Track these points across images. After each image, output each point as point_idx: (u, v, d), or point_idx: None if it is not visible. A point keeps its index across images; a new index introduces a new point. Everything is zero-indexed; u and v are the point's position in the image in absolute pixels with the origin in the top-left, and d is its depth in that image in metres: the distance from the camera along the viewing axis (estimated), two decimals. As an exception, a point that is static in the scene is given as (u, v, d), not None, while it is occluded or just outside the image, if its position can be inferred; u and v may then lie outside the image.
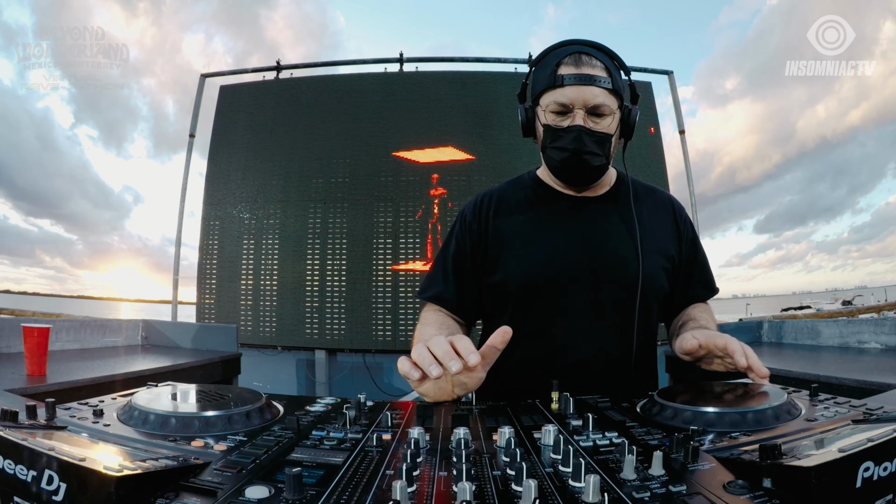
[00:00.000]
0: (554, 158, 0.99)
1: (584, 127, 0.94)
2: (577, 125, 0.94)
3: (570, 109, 0.95)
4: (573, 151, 0.95)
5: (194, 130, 3.75)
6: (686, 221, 1.13)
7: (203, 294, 3.50)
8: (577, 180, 1.04)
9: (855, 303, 21.55)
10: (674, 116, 3.75)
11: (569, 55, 0.96)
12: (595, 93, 0.94)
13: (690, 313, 1.07)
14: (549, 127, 0.97)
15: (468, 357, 0.69)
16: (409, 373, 0.73)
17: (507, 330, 0.76)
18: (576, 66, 0.94)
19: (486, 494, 0.42)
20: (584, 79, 0.93)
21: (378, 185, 3.40)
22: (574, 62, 0.95)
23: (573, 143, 0.95)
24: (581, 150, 0.95)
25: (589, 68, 0.94)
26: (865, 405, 0.63)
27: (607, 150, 0.98)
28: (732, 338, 0.83)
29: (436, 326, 1.01)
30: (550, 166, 1.03)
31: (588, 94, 0.93)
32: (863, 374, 1.32)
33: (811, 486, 0.38)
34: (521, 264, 1.01)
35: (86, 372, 1.49)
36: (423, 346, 0.73)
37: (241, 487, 0.41)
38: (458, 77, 3.55)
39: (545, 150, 1.01)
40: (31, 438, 0.42)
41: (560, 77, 0.94)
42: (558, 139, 0.96)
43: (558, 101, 0.95)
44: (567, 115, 0.96)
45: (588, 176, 1.02)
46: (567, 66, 0.95)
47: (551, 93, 0.96)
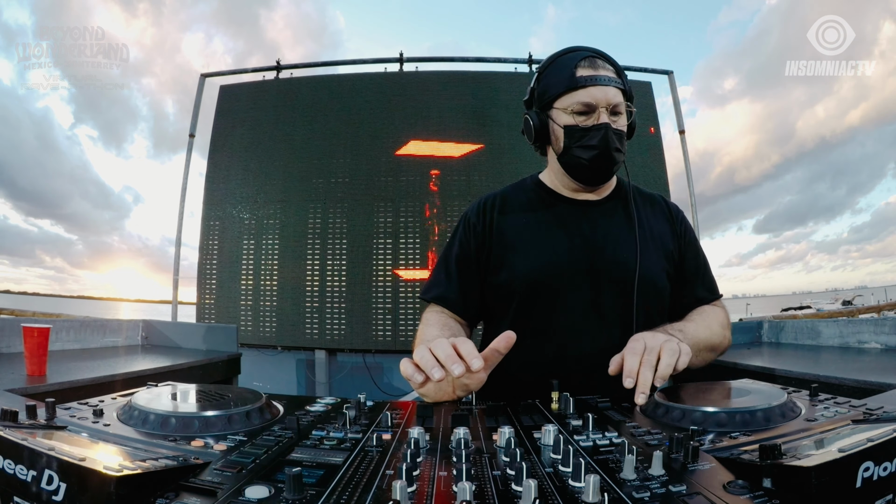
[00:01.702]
0: (581, 157, 1.00)
1: (610, 125, 0.98)
2: (605, 123, 0.98)
3: (593, 109, 0.98)
4: (602, 149, 0.98)
5: (194, 130, 3.75)
6: (684, 223, 1.14)
7: (203, 294, 3.50)
8: (599, 178, 1.05)
9: (855, 303, 21.55)
10: (674, 116, 3.75)
11: (583, 59, 0.99)
12: (615, 92, 0.99)
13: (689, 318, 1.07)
14: (574, 127, 1.00)
15: (471, 361, 0.69)
16: (412, 376, 0.74)
17: (511, 335, 0.76)
18: (593, 68, 0.98)
19: (486, 494, 0.42)
20: (604, 80, 0.98)
21: (378, 185, 3.40)
22: (591, 65, 0.99)
23: (602, 140, 0.98)
24: (609, 147, 0.98)
25: (605, 70, 0.99)
26: (865, 405, 0.63)
27: (625, 147, 1.02)
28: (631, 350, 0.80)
29: (438, 327, 1.02)
30: (574, 166, 1.03)
31: (610, 93, 0.98)
32: (863, 374, 1.32)
33: (811, 486, 0.38)
34: (524, 264, 1.02)
35: (86, 372, 1.49)
36: (426, 349, 0.73)
37: (241, 487, 0.41)
38: (459, 77, 3.55)
39: (568, 151, 1.02)
40: (31, 438, 0.42)
41: (582, 79, 0.98)
42: (585, 138, 0.99)
43: (582, 102, 0.98)
44: (590, 116, 0.99)
45: (610, 173, 1.05)
46: (585, 68, 0.99)
47: (572, 94, 0.99)
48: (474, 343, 0.75)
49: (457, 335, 0.97)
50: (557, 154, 1.05)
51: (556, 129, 1.03)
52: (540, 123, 1.05)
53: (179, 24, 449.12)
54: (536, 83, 1.07)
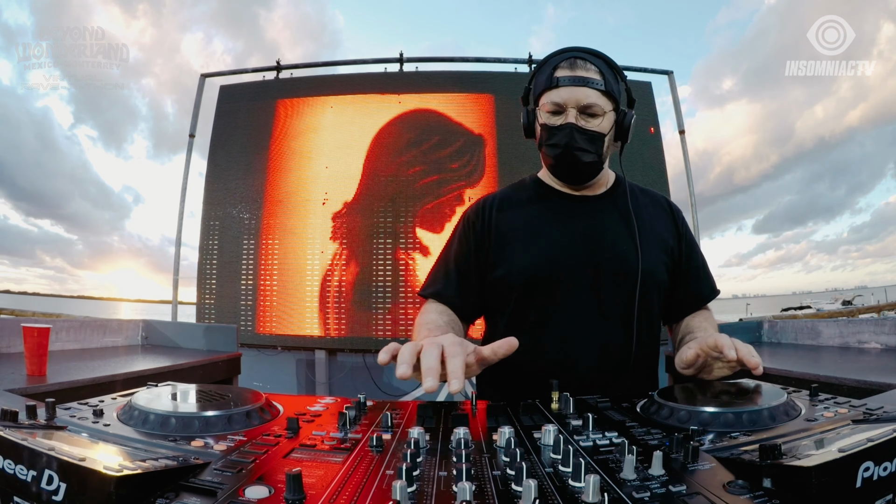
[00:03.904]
0: (549, 155, 1.04)
1: (576, 124, 1.00)
2: (569, 123, 1.00)
3: (563, 109, 1.01)
4: (565, 147, 1.01)
5: (194, 130, 3.75)
6: (682, 219, 1.16)
7: (203, 294, 3.50)
8: (571, 177, 1.08)
9: (855, 303, 21.56)
10: (673, 116, 3.75)
11: (565, 60, 1.02)
12: (587, 93, 0.99)
13: (690, 325, 1.08)
14: (545, 125, 1.03)
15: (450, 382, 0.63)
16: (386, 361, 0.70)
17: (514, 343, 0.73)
18: (570, 69, 1.01)
19: (486, 494, 0.42)
20: (576, 80, 0.99)
21: (379, 185, 3.40)
22: (569, 66, 1.01)
23: (565, 139, 1.00)
24: (572, 146, 1.00)
25: (583, 71, 1.00)
26: (865, 405, 0.63)
27: (599, 147, 1.03)
28: (722, 334, 0.83)
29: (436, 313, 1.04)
30: (547, 164, 1.09)
31: (580, 94, 0.99)
32: (863, 374, 1.32)
33: (811, 486, 0.38)
34: (523, 259, 1.03)
35: (86, 372, 1.49)
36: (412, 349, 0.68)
37: (241, 487, 0.41)
38: (458, 77, 3.56)
39: (542, 148, 1.06)
40: (31, 438, 0.42)
41: (556, 79, 1.01)
42: (552, 136, 1.02)
43: (553, 101, 1.01)
44: (560, 115, 1.01)
45: (581, 172, 1.06)
46: (563, 69, 1.01)
47: (548, 94, 1.02)
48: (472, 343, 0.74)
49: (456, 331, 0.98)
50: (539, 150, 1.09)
51: (537, 127, 1.06)
52: (528, 121, 1.09)
53: (179, 25, 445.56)
54: (529, 81, 1.11)
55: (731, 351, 0.78)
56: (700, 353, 0.86)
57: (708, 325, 1.08)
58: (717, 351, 0.83)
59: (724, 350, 0.78)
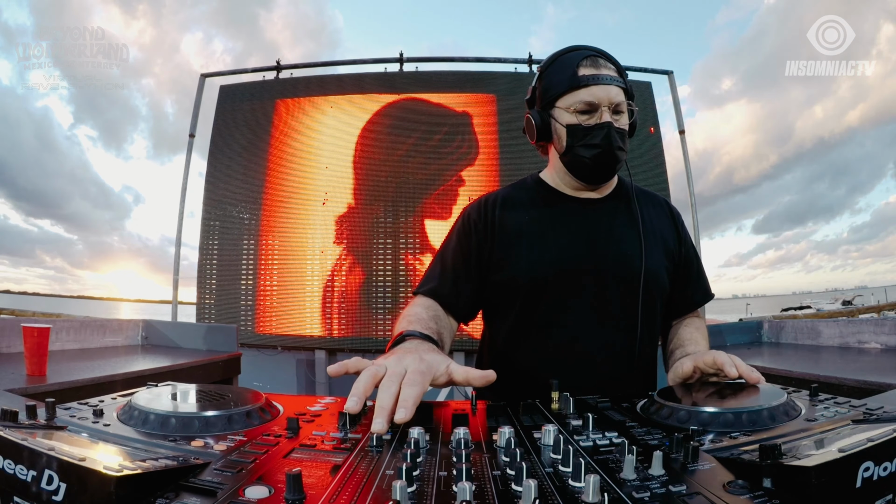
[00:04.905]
0: (584, 156, 1.01)
1: (613, 123, 0.98)
2: (607, 121, 0.98)
3: (596, 108, 0.99)
4: (605, 147, 0.99)
5: (194, 130, 3.75)
6: (682, 223, 1.16)
7: (203, 294, 3.50)
8: (602, 177, 1.06)
9: (855, 303, 21.56)
10: (673, 116, 3.76)
11: (585, 58, 1.00)
12: (617, 91, 0.99)
13: (681, 337, 1.08)
14: (577, 126, 1.00)
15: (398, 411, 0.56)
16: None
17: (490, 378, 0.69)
18: (595, 67, 0.99)
19: (486, 494, 0.42)
20: (607, 79, 0.98)
21: (378, 184, 3.40)
22: (593, 64, 0.99)
23: (605, 139, 0.98)
24: (612, 146, 0.99)
25: (607, 69, 0.99)
26: (865, 405, 0.63)
27: (627, 146, 1.02)
28: (719, 352, 0.85)
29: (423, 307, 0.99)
30: (577, 164, 1.03)
31: (612, 92, 0.98)
32: (863, 374, 1.32)
33: (811, 486, 0.38)
34: (528, 261, 1.03)
35: (86, 372, 1.49)
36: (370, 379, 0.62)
37: (241, 487, 0.41)
38: (458, 77, 3.56)
39: (571, 150, 1.02)
40: (31, 438, 0.42)
41: (584, 78, 0.98)
42: (588, 136, 0.99)
43: (585, 101, 0.98)
44: (593, 114, 0.99)
45: (613, 171, 1.05)
46: (587, 67, 0.99)
47: (575, 93, 0.99)
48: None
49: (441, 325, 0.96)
50: (560, 153, 1.05)
51: (558, 129, 1.03)
52: (542, 123, 1.05)
53: (179, 25, 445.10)
54: (538, 82, 1.07)
55: (732, 369, 0.80)
56: (696, 369, 0.88)
57: (699, 336, 1.07)
58: (714, 368, 0.85)
59: (725, 368, 0.80)
